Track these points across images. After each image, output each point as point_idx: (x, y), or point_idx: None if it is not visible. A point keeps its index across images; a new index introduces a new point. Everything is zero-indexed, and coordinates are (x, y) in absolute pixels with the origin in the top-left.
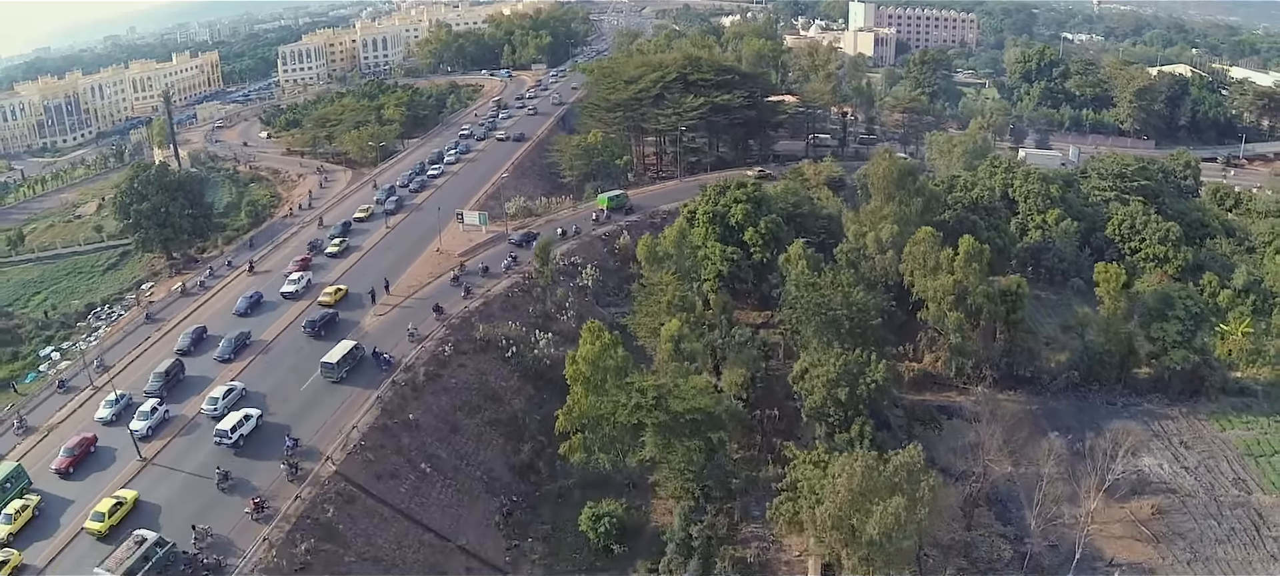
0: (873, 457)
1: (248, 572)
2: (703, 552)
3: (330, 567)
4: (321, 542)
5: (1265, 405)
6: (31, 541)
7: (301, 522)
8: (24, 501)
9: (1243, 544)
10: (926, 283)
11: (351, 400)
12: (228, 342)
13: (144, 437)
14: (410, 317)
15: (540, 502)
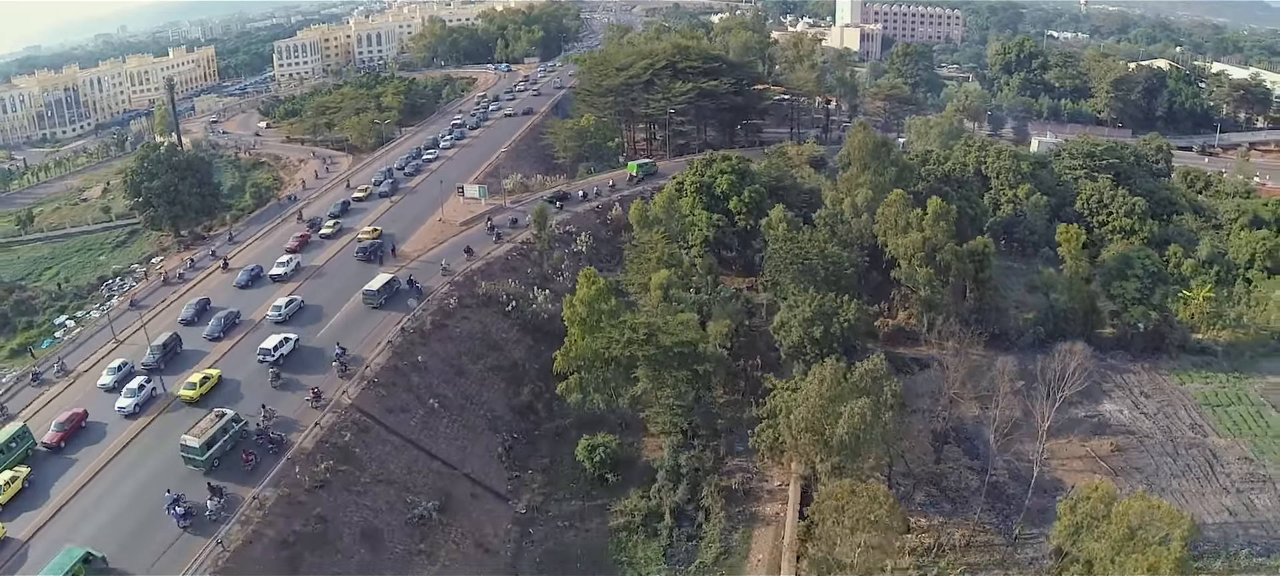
0: (841, 367)
1: (307, 446)
2: (691, 480)
3: (348, 486)
4: (340, 464)
5: (1224, 363)
6: (20, 512)
7: (321, 446)
8: (13, 473)
9: (1197, 478)
10: (898, 241)
11: (387, 321)
12: (217, 321)
13: (130, 415)
14: (420, 273)
15: (539, 440)
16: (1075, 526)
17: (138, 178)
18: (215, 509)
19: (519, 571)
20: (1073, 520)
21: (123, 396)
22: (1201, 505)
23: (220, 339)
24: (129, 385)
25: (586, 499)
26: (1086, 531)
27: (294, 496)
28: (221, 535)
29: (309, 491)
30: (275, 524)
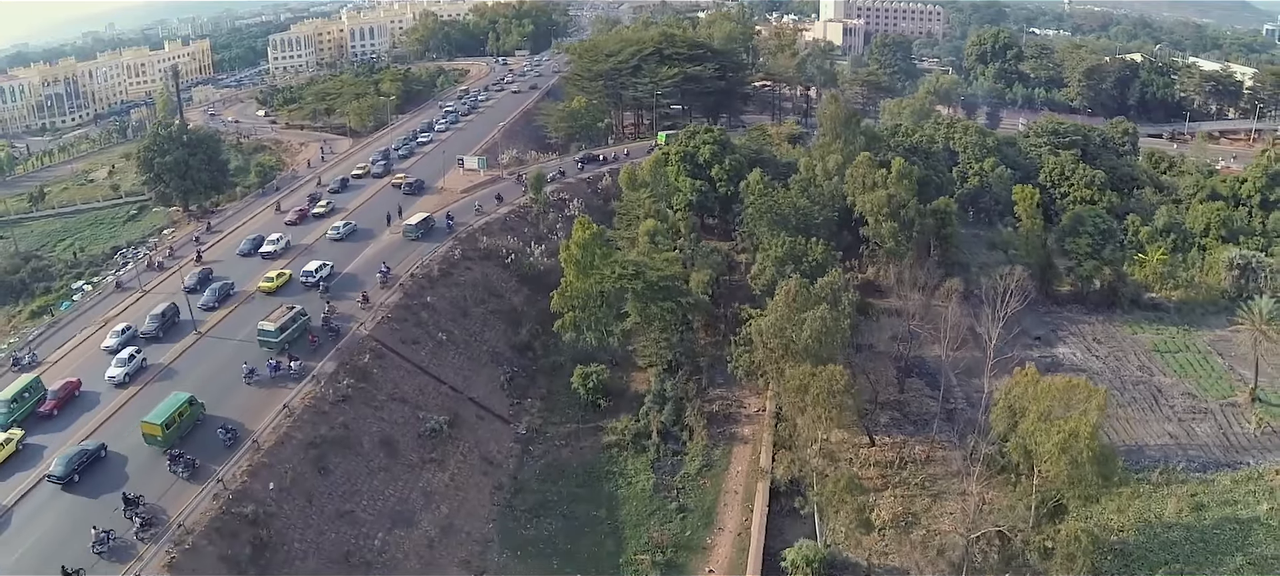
0: (805, 283)
1: (361, 334)
2: (675, 405)
3: (367, 401)
4: (359, 382)
5: (1175, 317)
6: (11, 474)
7: (343, 367)
8: (7, 435)
9: (1142, 409)
10: (865, 198)
11: (424, 250)
12: (212, 292)
13: (120, 384)
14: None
15: (536, 374)
16: (1010, 408)
17: (150, 153)
18: (297, 369)
19: (520, 481)
20: (1007, 401)
21: (113, 365)
22: (1145, 431)
23: (215, 308)
24: (120, 355)
25: (581, 422)
26: (1020, 414)
27: (319, 407)
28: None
29: (332, 404)
30: (303, 428)
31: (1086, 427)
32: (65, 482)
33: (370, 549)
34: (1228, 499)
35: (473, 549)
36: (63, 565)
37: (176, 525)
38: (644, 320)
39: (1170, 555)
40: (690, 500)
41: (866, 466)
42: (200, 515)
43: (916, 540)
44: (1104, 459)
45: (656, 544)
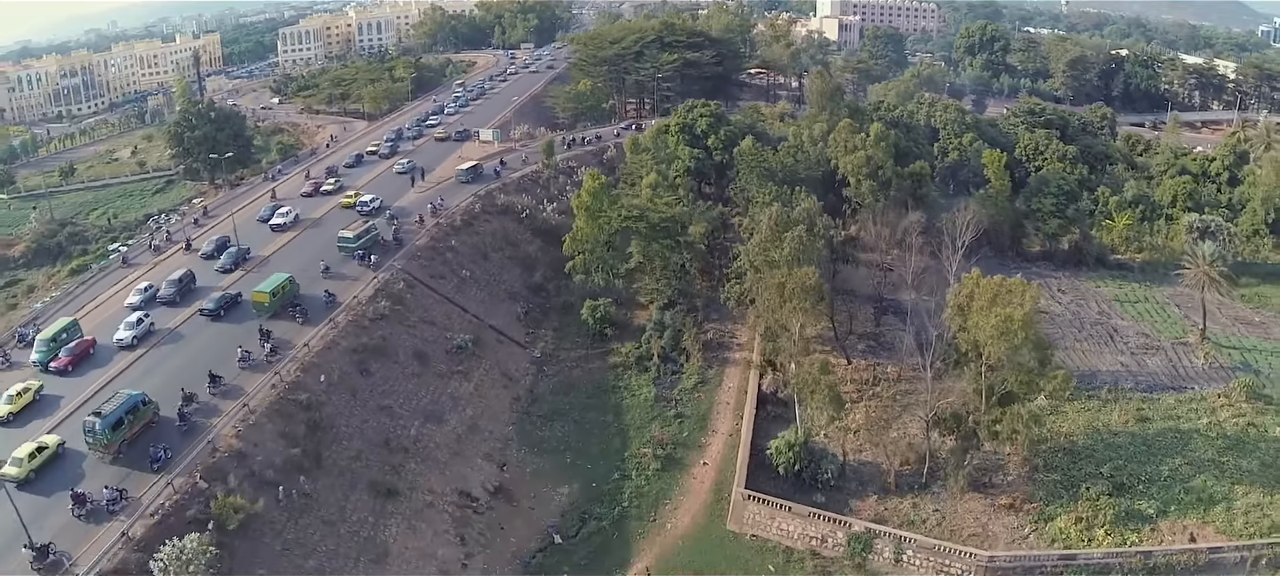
0: (785, 210)
1: (420, 243)
2: (674, 332)
3: (401, 321)
4: (394, 305)
5: (1138, 276)
6: (30, 421)
7: (380, 292)
8: (25, 385)
9: (1097, 344)
10: (846, 159)
11: (474, 188)
12: (229, 255)
13: (128, 346)
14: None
15: (549, 311)
16: (959, 307)
17: (180, 128)
18: (374, 262)
19: (536, 393)
20: (956, 302)
21: (122, 328)
22: (1098, 360)
23: (231, 270)
24: (128, 319)
25: (589, 348)
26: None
27: (360, 323)
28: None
29: (371, 321)
30: (345, 337)
31: (1020, 313)
32: (214, 316)
33: (407, 437)
34: (1171, 415)
35: (494, 444)
36: (210, 369)
37: (303, 345)
38: (646, 260)
39: (1115, 454)
40: (687, 409)
41: (844, 383)
42: (261, 398)
43: (886, 439)
44: (1038, 344)
45: (657, 442)
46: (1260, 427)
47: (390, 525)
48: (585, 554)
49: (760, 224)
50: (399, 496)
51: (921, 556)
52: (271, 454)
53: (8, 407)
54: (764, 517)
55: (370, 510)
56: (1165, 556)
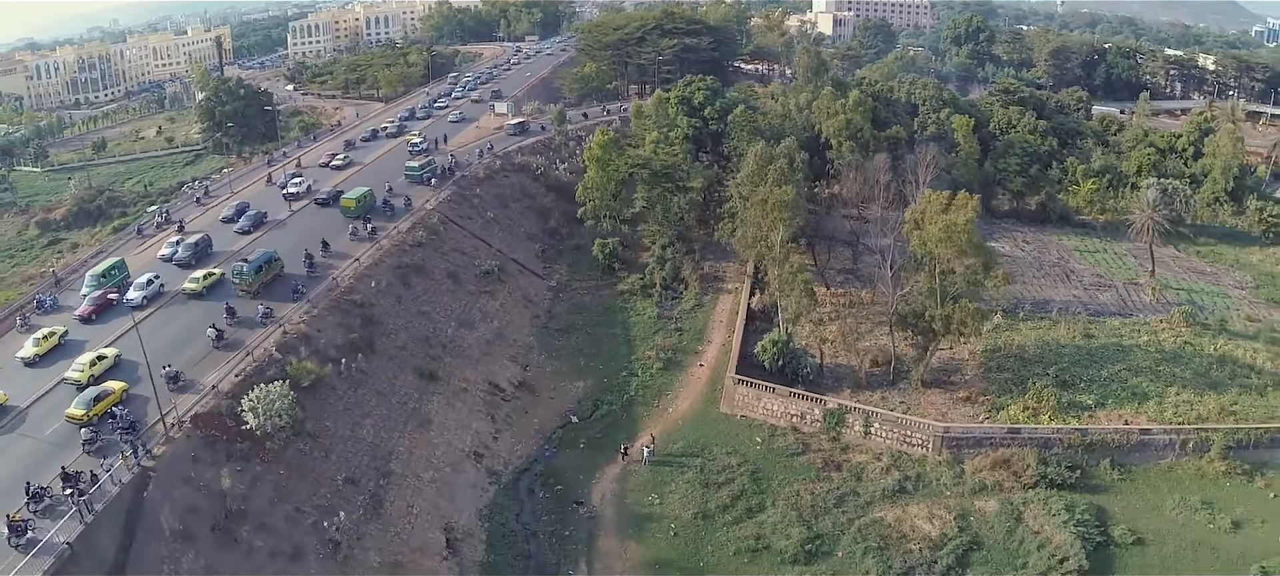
0: (769, 147)
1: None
2: (674, 265)
3: (436, 248)
4: (430, 236)
5: (1100, 233)
6: (56, 361)
7: (418, 224)
8: (51, 329)
9: (1053, 281)
10: (828, 123)
11: (520, 140)
12: (247, 219)
13: (138, 307)
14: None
15: (563, 251)
16: (915, 221)
17: (212, 103)
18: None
19: (553, 313)
20: (913, 216)
21: (132, 289)
22: (1053, 293)
23: (249, 232)
24: (139, 280)
25: (599, 280)
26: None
27: (401, 248)
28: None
29: (410, 247)
30: (389, 257)
31: (962, 219)
32: (324, 204)
33: (444, 337)
34: (1115, 334)
35: (518, 349)
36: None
37: (354, 260)
38: (649, 205)
39: (1061, 360)
40: (685, 325)
41: (823, 305)
42: (322, 295)
43: (858, 345)
44: (979, 247)
45: (660, 348)
46: (1196, 346)
47: (432, 401)
48: (598, 429)
49: (748, 160)
50: (439, 380)
51: (886, 428)
52: (333, 337)
53: (35, 349)
54: (751, 399)
55: (415, 388)
56: (1100, 435)
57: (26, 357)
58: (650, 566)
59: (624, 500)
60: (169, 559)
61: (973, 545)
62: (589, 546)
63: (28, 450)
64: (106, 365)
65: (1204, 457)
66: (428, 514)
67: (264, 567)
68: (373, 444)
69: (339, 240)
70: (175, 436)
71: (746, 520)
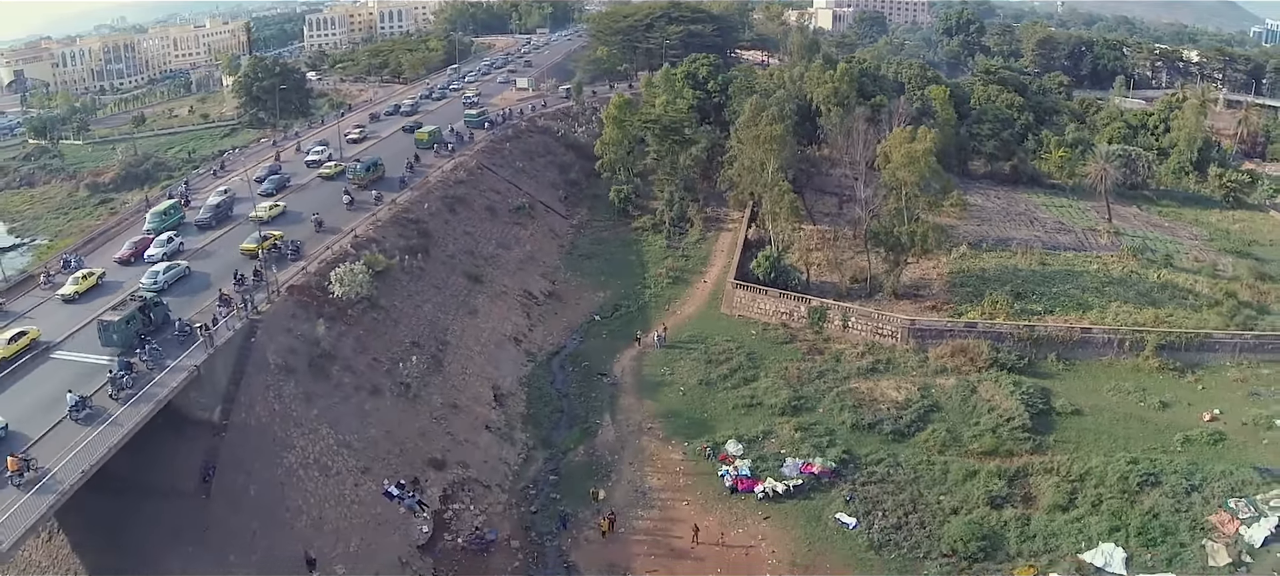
0: (762, 99)
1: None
2: (680, 207)
3: (474, 187)
4: (471, 176)
5: (1069, 194)
6: (95, 299)
7: (457, 167)
8: (90, 270)
9: (1017, 225)
10: (817, 91)
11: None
12: (271, 181)
13: (154, 261)
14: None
15: (582, 198)
16: (884, 154)
17: (249, 79)
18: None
19: (576, 244)
20: (883, 149)
21: (153, 246)
22: (1016, 232)
23: (273, 194)
24: (159, 238)
25: (615, 221)
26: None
27: (446, 184)
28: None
29: (453, 183)
30: (435, 193)
31: (922, 147)
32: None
33: (485, 253)
34: (1068, 264)
35: (547, 269)
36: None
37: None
38: (658, 159)
39: (1016, 279)
40: (691, 254)
41: (811, 237)
42: (385, 213)
43: (839, 266)
44: (937, 173)
45: (669, 269)
46: (1141, 274)
47: (478, 298)
48: (618, 325)
49: (744, 108)
50: (483, 283)
51: (862, 322)
52: (396, 243)
53: (75, 287)
54: (748, 300)
55: (464, 286)
56: (1047, 331)
57: (66, 294)
58: (663, 416)
59: (640, 373)
60: (273, 386)
61: (933, 408)
62: (612, 403)
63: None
64: (278, 211)
65: (1140, 355)
66: (478, 376)
67: (350, 398)
68: (432, 321)
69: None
70: (275, 299)
71: (743, 386)
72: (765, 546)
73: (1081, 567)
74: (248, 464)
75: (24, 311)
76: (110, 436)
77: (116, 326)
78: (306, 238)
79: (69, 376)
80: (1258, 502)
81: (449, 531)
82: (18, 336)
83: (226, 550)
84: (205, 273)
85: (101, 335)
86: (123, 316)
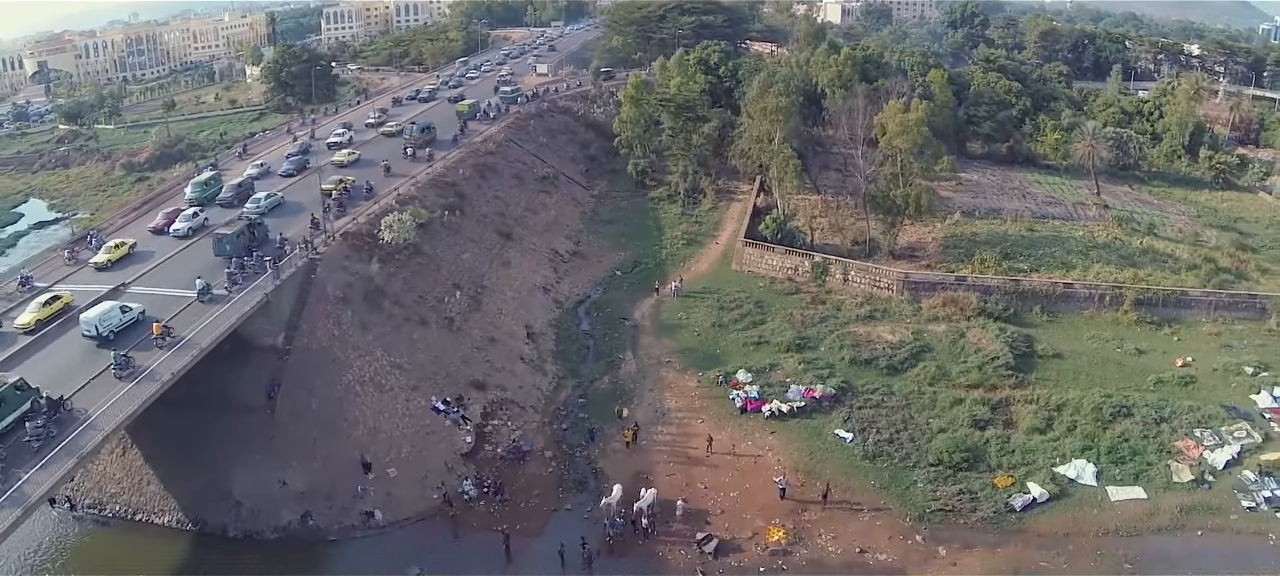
0: (769, 77)
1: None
2: (694, 179)
3: (502, 157)
4: (501, 148)
5: (1063, 174)
6: (127, 266)
7: (488, 139)
8: (121, 240)
9: (1013, 198)
10: (822, 75)
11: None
12: (291, 163)
13: (184, 237)
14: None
15: (602, 172)
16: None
17: (278, 65)
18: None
19: (597, 210)
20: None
21: (179, 221)
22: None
23: (293, 175)
24: (186, 212)
25: (633, 192)
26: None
27: (478, 154)
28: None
29: (484, 154)
30: (468, 160)
31: (914, 117)
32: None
33: (514, 214)
34: (1056, 230)
35: (570, 230)
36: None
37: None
38: (673, 136)
39: (1006, 242)
40: (704, 220)
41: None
42: (423, 177)
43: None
44: (929, 141)
45: (684, 232)
46: (1125, 240)
47: (510, 252)
48: (637, 278)
49: (753, 85)
50: (514, 240)
51: (861, 275)
52: (435, 201)
53: (107, 255)
54: (756, 257)
55: (496, 241)
56: (1032, 286)
57: (99, 263)
58: (680, 352)
59: (659, 317)
60: (332, 314)
61: (924, 349)
62: (633, 342)
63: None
64: (354, 157)
65: (1120, 310)
66: (512, 316)
67: (400, 327)
68: (470, 267)
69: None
70: (331, 243)
71: (752, 328)
72: (772, 455)
73: (1056, 478)
74: (309, 381)
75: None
76: (231, 314)
77: (230, 239)
78: (377, 181)
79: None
80: (1222, 432)
81: (489, 443)
82: (51, 300)
83: (290, 456)
84: (298, 202)
85: (216, 247)
86: (235, 232)
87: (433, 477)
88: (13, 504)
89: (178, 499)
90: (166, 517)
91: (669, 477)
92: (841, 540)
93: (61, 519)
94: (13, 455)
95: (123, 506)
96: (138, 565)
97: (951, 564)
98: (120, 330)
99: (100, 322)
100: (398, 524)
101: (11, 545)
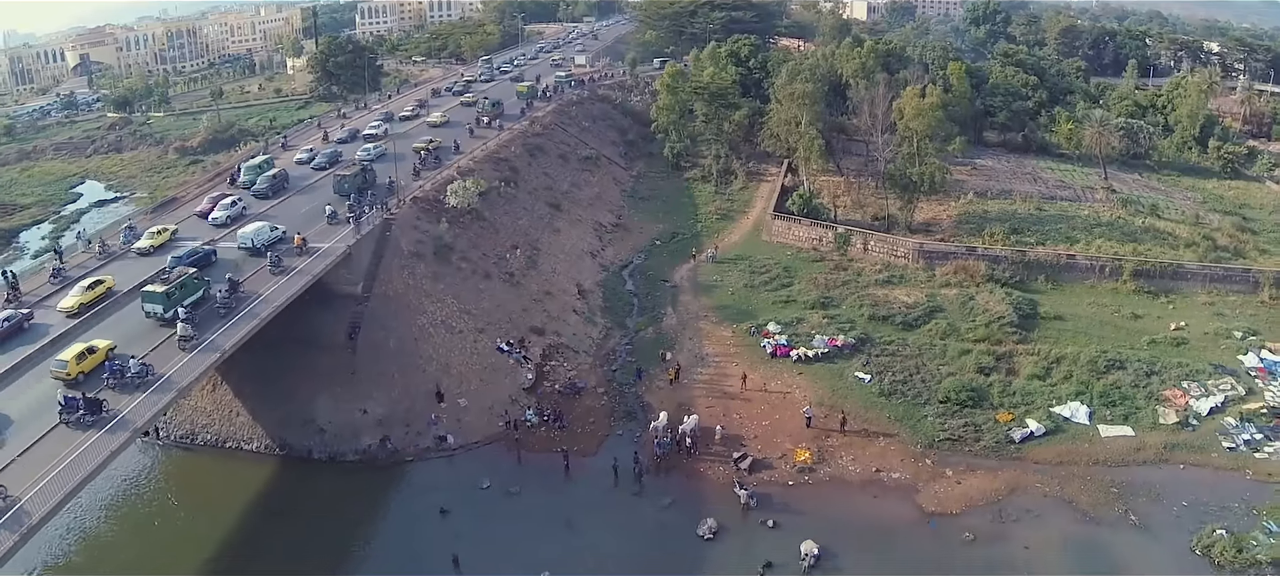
0: (796, 66)
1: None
2: (726, 162)
3: (549, 138)
4: (546, 131)
5: (1075, 162)
6: (166, 253)
7: (534, 124)
8: (163, 226)
9: (1021, 182)
10: (847, 67)
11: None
12: (323, 157)
13: (222, 225)
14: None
15: (639, 156)
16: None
17: (324, 56)
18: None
19: (636, 189)
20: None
21: (217, 209)
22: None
23: (324, 168)
24: (223, 200)
25: (669, 173)
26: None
27: (527, 134)
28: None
29: (532, 135)
30: (518, 140)
31: (930, 102)
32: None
33: (561, 189)
34: (1063, 210)
35: (613, 205)
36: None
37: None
38: (706, 120)
39: (1015, 219)
40: (736, 199)
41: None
42: (479, 153)
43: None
44: (943, 123)
45: (717, 209)
46: (1128, 220)
47: (558, 221)
48: (675, 247)
49: (781, 73)
50: (562, 211)
51: (880, 245)
52: (491, 174)
53: (150, 241)
54: (784, 229)
55: (546, 211)
56: (1038, 256)
57: (142, 248)
58: (716, 309)
59: (696, 280)
60: (407, 266)
61: (937, 309)
62: (673, 300)
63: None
64: (444, 120)
65: (1119, 280)
66: (565, 275)
67: (468, 279)
68: (526, 232)
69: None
70: (404, 206)
71: (780, 289)
72: (799, 392)
73: (1052, 416)
74: (387, 323)
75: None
76: (351, 236)
77: (347, 179)
78: (464, 140)
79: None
80: (1208, 385)
81: (548, 380)
82: (95, 284)
83: (370, 388)
84: (400, 154)
85: (336, 186)
86: (351, 173)
87: (498, 407)
88: (208, 350)
89: (265, 427)
90: (255, 443)
91: (708, 409)
92: (860, 461)
93: (144, 448)
94: (204, 320)
95: (213, 436)
96: (233, 481)
97: (956, 482)
98: (269, 244)
99: (255, 237)
100: (468, 447)
101: (113, 471)
